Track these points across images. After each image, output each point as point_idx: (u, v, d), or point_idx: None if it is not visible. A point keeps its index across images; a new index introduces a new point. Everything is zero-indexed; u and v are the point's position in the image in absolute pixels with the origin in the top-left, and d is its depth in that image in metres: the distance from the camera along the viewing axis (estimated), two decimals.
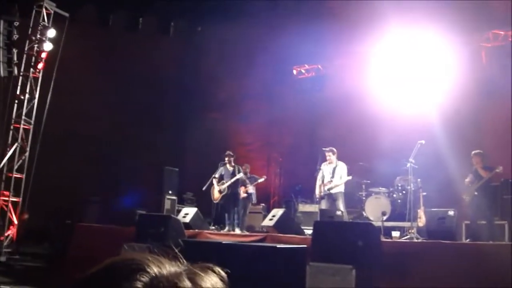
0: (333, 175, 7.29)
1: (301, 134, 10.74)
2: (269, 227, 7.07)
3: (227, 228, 7.75)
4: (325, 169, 7.45)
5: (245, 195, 8.56)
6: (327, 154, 7.37)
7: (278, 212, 7.26)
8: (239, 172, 7.98)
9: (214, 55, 11.49)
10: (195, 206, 8.87)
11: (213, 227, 7.98)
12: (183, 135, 11.67)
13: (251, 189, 8.65)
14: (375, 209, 7.59)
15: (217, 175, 8.00)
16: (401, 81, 8.94)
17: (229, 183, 7.87)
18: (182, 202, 9.59)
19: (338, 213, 6.98)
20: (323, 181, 7.35)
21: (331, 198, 7.25)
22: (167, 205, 8.85)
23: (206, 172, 8.66)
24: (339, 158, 7.41)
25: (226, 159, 8.04)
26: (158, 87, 10.84)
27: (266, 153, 11.33)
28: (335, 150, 7.43)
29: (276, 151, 11.27)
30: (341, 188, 7.29)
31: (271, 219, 7.16)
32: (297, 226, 7.34)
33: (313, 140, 10.30)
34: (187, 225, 7.05)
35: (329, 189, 7.19)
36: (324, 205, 7.26)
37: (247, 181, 8.49)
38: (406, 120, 8.34)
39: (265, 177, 9.03)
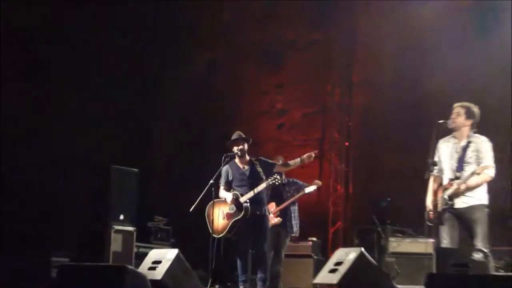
0: (461, 165, 7.05)
1: (390, 90, 10.77)
2: (331, 287, 7.04)
3: None
4: (445, 151, 7.20)
5: (276, 220, 8.55)
6: (454, 113, 7.09)
7: (348, 256, 7.27)
8: (265, 169, 7.86)
9: None
10: (174, 245, 8.94)
11: None
12: (150, 101, 11.83)
13: (292, 209, 8.65)
14: None
15: (222, 181, 8.02)
16: None
17: (247, 196, 7.81)
18: (147, 236, 9.72)
19: (477, 256, 6.77)
20: (440, 182, 7.16)
21: (459, 218, 7.01)
22: (116, 243, 8.87)
23: (194, 175, 8.67)
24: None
25: (236, 148, 7.95)
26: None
27: (318, 131, 11.48)
28: (470, 106, 7.15)
29: (339, 127, 11.32)
30: (480, 196, 7.01)
31: (333, 271, 7.17)
32: (388, 283, 7.33)
33: (417, 101, 10.25)
34: (159, 285, 7.18)
35: (450, 199, 7.00)
36: (446, 234, 7.03)
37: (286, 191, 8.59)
38: None
39: (318, 182, 9.00)
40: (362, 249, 7.49)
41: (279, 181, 7.84)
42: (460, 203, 6.98)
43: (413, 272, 8.00)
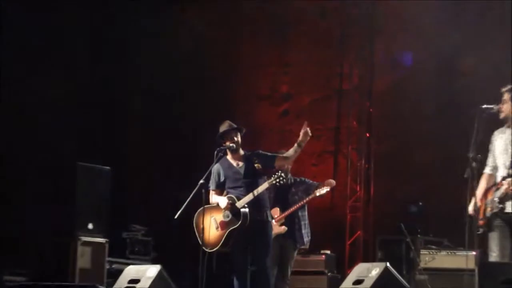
0: None
1: (421, 70, 10.90)
2: None
3: None
4: (499, 144, 7.26)
5: (281, 229, 8.57)
6: (502, 100, 7.12)
7: (370, 272, 7.50)
8: (265, 164, 7.81)
9: None
10: (155, 260, 9.02)
11: None
12: (124, 84, 12.01)
13: (301, 215, 8.63)
14: None
15: (212, 184, 8.00)
16: None
17: (245, 200, 7.78)
18: (122, 249, 9.80)
19: None
20: (494, 182, 7.17)
21: (511, 224, 7.00)
22: (84, 258, 8.89)
23: (180, 174, 8.63)
24: None
25: (229, 142, 7.92)
26: None
27: (331, 120, 11.62)
28: None
29: (358, 115, 11.37)
30: None
31: None
32: None
33: (455, 83, 10.41)
34: None
35: (500, 201, 7.02)
36: (495, 245, 7.01)
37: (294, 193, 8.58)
38: None
39: (332, 182, 8.91)
40: (387, 264, 7.52)
41: (284, 179, 7.79)
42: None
43: None
